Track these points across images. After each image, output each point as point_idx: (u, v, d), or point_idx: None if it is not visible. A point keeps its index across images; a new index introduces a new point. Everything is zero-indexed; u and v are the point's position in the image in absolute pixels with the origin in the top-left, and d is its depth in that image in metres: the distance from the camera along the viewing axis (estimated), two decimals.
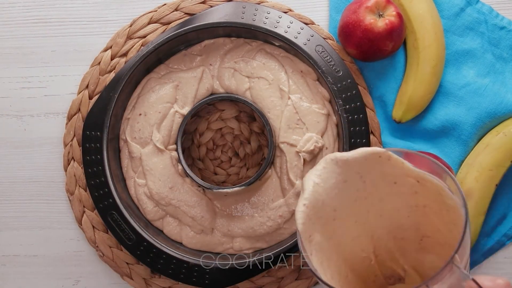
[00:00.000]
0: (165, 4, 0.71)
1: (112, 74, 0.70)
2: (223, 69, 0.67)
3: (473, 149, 0.68)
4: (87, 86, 0.71)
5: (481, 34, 0.69)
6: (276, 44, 0.67)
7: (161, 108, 0.67)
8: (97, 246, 0.70)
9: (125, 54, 0.71)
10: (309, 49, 0.66)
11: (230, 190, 0.64)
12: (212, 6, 0.70)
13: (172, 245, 0.66)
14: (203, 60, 0.68)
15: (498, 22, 0.69)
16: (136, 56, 0.68)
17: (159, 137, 0.66)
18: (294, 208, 0.65)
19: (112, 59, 0.71)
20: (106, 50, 0.71)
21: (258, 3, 0.70)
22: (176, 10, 0.71)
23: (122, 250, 0.70)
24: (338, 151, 0.66)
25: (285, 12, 0.70)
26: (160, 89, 0.67)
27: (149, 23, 0.71)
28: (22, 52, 0.72)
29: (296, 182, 0.64)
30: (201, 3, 0.70)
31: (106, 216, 0.66)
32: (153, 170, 0.66)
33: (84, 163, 0.67)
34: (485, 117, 0.68)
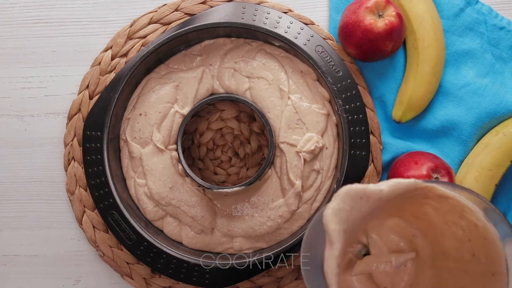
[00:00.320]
0: (165, 4, 0.71)
1: (112, 74, 0.71)
2: (223, 69, 0.68)
3: (472, 149, 0.68)
4: (88, 86, 0.71)
5: (480, 34, 0.69)
6: (276, 44, 0.67)
7: (161, 108, 0.67)
8: (97, 246, 0.70)
9: (125, 55, 0.71)
10: (309, 49, 0.66)
11: (230, 190, 0.64)
12: (212, 7, 0.70)
13: (172, 245, 0.66)
14: (203, 60, 0.68)
15: (498, 23, 0.69)
16: (136, 56, 0.68)
17: (159, 137, 0.66)
18: (293, 208, 0.65)
19: (112, 59, 0.71)
20: (106, 50, 0.71)
21: (258, 4, 0.70)
22: (176, 10, 0.71)
23: (122, 250, 0.70)
24: (338, 151, 0.66)
25: (285, 12, 0.70)
26: (160, 89, 0.67)
27: (149, 24, 0.71)
28: (23, 52, 0.73)
29: (296, 182, 0.64)
30: (201, 4, 0.71)
31: (106, 216, 0.66)
32: (153, 170, 0.66)
33: (84, 163, 0.67)
34: (484, 117, 0.68)
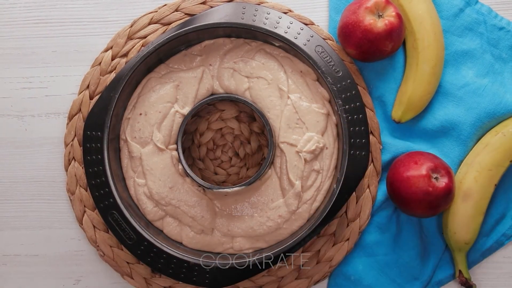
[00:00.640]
0: (165, 4, 0.71)
1: (112, 75, 0.71)
2: (223, 69, 0.68)
3: (472, 149, 0.68)
4: (88, 87, 0.71)
5: (480, 35, 0.69)
6: (276, 44, 0.67)
7: (161, 107, 0.67)
8: (97, 246, 0.70)
9: (125, 55, 0.71)
10: (309, 49, 0.66)
11: (230, 190, 0.64)
12: (212, 7, 0.70)
13: (172, 244, 0.66)
14: (203, 60, 0.68)
15: (497, 23, 0.69)
16: (136, 56, 0.68)
17: (160, 136, 0.66)
18: (293, 208, 0.65)
19: (112, 60, 0.71)
20: (106, 50, 0.71)
21: (258, 4, 0.70)
22: (176, 10, 0.71)
23: (122, 250, 0.70)
24: (338, 151, 0.66)
25: (285, 12, 0.70)
26: (160, 88, 0.67)
27: (149, 24, 0.71)
28: (23, 52, 0.73)
29: (295, 182, 0.65)
30: (201, 4, 0.71)
31: (106, 215, 0.66)
32: (153, 169, 0.66)
33: (84, 163, 0.67)
34: (484, 117, 0.68)
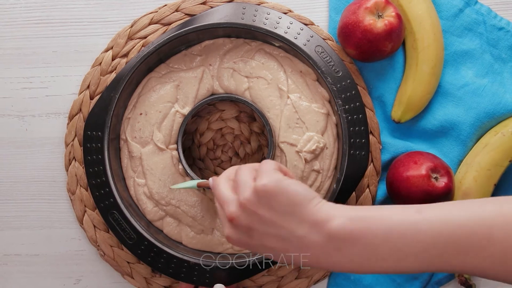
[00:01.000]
0: (165, 5, 0.71)
1: (113, 75, 0.71)
2: (222, 69, 0.68)
3: (471, 149, 0.68)
4: (88, 87, 0.71)
5: (479, 35, 0.69)
6: (276, 44, 0.67)
7: (161, 107, 0.67)
8: (98, 246, 0.70)
9: (126, 55, 0.71)
10: (308, 49, 0.66)
11: None
12: (212, 7, 0.70)
13: (172, 244, 0.66)
14: (203, 60, 0.68)
15: (497, 23, 0.69)
16: (136, 56, 0.68)
17: (160, 136, 0.66)
18: None
19: (113, 60, 0.71)
20: (107, 50, 0.71)
21: (258, 4, 0.70)
22: (176, 11, 0.71)
23: (123, 249, 0.70)
24: (338, 151, 0.66)
25: (285, 13, 0.70)
26: (160, 88, 0.67)
27: (150, 24, 0.71)
28: (24, 52, 0.73)
29: None
30: (201, 4, 0.71)
31: (107, 215, 0.66)
32: (153, 169, 0.66)
33: (85, 163, 0.67)
34: (483, 117, 0.68)
